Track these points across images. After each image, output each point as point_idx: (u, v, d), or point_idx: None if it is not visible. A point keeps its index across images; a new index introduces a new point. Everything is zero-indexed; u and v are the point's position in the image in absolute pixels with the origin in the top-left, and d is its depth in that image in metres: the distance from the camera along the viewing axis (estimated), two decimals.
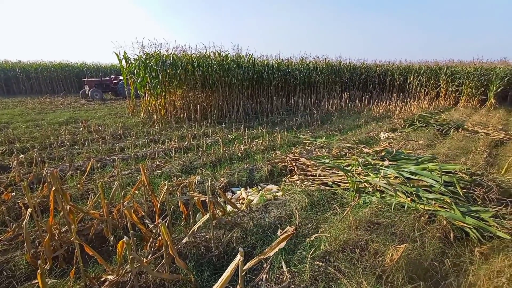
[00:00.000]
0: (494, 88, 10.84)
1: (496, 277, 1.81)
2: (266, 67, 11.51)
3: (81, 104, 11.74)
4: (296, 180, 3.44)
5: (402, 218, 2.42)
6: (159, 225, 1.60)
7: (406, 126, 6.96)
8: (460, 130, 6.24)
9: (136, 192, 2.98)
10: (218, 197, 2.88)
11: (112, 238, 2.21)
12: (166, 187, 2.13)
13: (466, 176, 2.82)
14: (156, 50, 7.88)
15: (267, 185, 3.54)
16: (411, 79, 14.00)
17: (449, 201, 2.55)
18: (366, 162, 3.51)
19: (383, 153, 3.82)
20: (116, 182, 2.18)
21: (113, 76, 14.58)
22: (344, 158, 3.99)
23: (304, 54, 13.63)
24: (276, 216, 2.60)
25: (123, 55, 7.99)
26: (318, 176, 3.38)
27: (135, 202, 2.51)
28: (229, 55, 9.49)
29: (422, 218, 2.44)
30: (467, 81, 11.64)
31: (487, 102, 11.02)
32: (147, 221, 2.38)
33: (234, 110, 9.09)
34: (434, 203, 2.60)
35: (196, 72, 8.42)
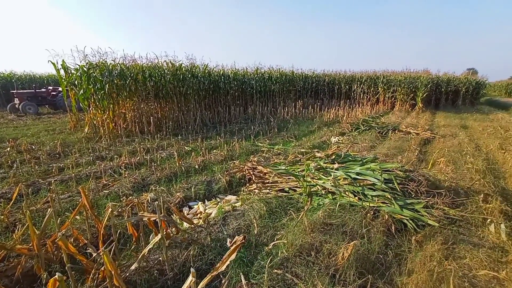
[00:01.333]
0: (421, 94, 12.63)
1: (429, 261, 2.05)
2: (223, 77, 11.55)
3: (10, 119, 10.17)
4: (255, 189, 3.47)
5: (351, 217, 2.61)
6: (102, 253, 1.45)
7: (353, 130, 7.62)
8: (396, 132, 7.08)
9: (78, 217, 2.66)
10: (173, 214, 2.74)
11: (45, 275, 1.91)
12: (110, 209, 1.93)
13: (401, 173, 3.19)
14: (101, 60, 7.30)
15: (226, 196, 3.49)
16: (355, 87, 15.47)
17: (389, 197, 2.85)
18: (319, 166, 3.72)
19: (333, 157, 4.10)
20: (49, 209, 1.91)
21: (50, 88, 12.98)
22: (299, 163, 4.17)
23: (258, 64, 14.09)
24: (235, 228, 2.57)
25: (61, 65, 7.20)
26: (275, 183, 3.47)
27: (75, 230, 2.22)
28: (182, 65, 9.28)
29: (368, 214, 2.66)
30: (399, 88, 13.35)
31: (416, 106, 12.76)
32: (90, 250, 2.12)
33: (191, 120, 8.86)
34: (377, 200, 2.87)
35: (148, 82, 8.02)
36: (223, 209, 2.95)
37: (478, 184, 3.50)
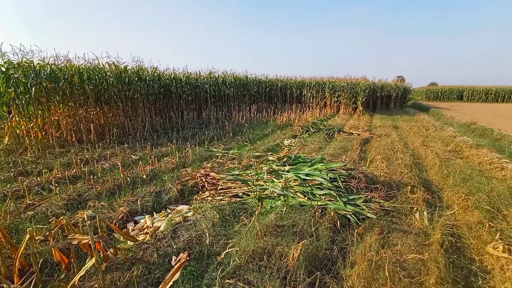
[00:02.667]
0: (361, 98, 14.06)
1: (368, 251, 2.25)
2: (174, 81, 11.09)
3: None
4: (207, 197, 3.36)
5: (302, 216, 2.72)
6: None
7: (304, 132, 8.04)
8: (341, 133, 7.72)
9: None
10: (114, 232, 2.47)
11: None
12: (29, 235, 1.64)
13: (344, 171, 3.47)
14: (24, 58, 6.30)
15: (177, 206, 3.30)
16: (305, 91, 16.43)
17: (335, 194, 3.06)
18: (271, 169, 3.80)
19: (285, 159, 4.25)
20: None
21: None
22: (252, 167, 4.21)
23: (212, 68, 13.91)
24: (186, 240, 2.44)
25: None
26: (229, 188, 3.42)
27: None
28: (128, 68, 8.61)
29: (317, 213, 2.81)
30: (343, 93, 14.65)
31: (357, 109, 14.15)
32: (5, 286, 1.77)
33: (139, 127, 8.24)
34: (324, 198, 3.06)
35: (87, 85, 7.20)
36: (173, 221, 2.79)
37: (407, 177, 4.01)
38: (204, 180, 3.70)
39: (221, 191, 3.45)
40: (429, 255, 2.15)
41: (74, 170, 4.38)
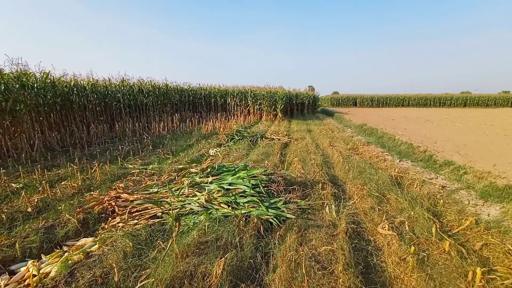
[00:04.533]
0: (279, 105, 15.33)
1: (289, 251, 2.38)
2: (76, 89, 9.40)
3: None
4: (119, 223, 2.91)
5: (226, 228, 2.66)
6: None
7: (229, 140, 8.11)
8: (264, 139, 8.16)
9: None
10: None
11: None
12: None
13: (264, 176, 3.64)
14: None
15: (77, 241, 2.72)
16: (229, 100, 16.75)
17: (257, 200, 3.14)
18: (193, 182, 3.63)
19: (208, 170, 4.14)
20: None
21: None
22: (174, 182, 3.92)
23: (124, 75, 12.50)
24: (88, 282, 2.01)
25: None
26: (145, 210, 3.06)
27: None
28: (2, 71, 6.78)
29: (241, 222, 2.81)
30: (264, 101, 15.64)
31: (277, 116, 15.34)
32: None
33: (25, 146, 6.56)
34: (248, 205, 3.10)
35: None
36: (70, 261, 2.27)
37: (318, 175, 4.53)
38: (114, 204, 3.20)
39: (136, 213, 3.05)
40: (337, 244, 2.44)
41: None
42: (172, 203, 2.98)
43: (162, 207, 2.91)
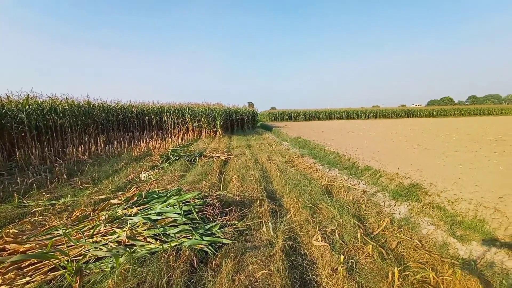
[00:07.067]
0: (219, 122, 15.24)
1: (225, 282, 2.18)
2: None
3: None
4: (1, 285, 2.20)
5: (152, 268, 2.30)
6: None
7: (164, 162, 7.50)
8: (202, 157, 7.84)
9: None
10: None
11: None
12: None
13: (198, 200, 3.39)
14: None
15: None
16: (165, 117, 15.82)
17: (190, 228, 2.86)
18: (114, 216, 3.10)
19: (135, 199, 3.63)
20: None
21: None
22: (89, 219, 3.28)
23: (30, 92, 10.45)
24: None
25: None
26: (42, 261, 2.42)
27: None
28: None
29: (171, 257, 2.48)
30: (203, 118, 15.32)
31: (217, 132, 15.19)
32: None
33: None
34: (180, 236, 2.79)
35: None
36: None
37: (257, 191, 4.50)
38: None
39: (29, 268, 2.38)
40: (274, 266, 2.36)
41: None
42: (82, 247, 2.44)
43: (60, 259, 2.32)
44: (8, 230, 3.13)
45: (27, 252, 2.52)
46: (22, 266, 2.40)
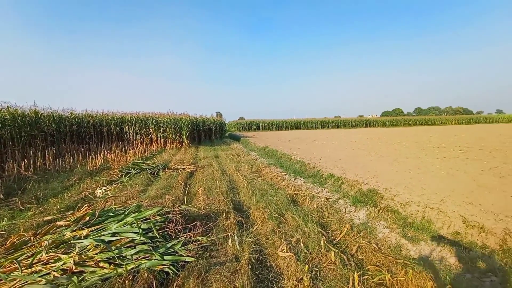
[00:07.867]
0: (185, 132, 14.81)
1: None
2: None
3: None
4: None
5: None
6: None
7: (124, 175, 6.99)
8: (166, 170, 7.48)
9: None
10: None
11: None
12: None
13: (159, 217, 3.19)
14: None
15: None
16: (127, 128, 14.89)
17: (150, 248, 2.67)
18: (61, 240, 2.76)
19: (87, 218, 3.29)
20: None
21: None
22: (28, 245, 2.88)
23: None
24: None
25: None
26: None
27: None
28: None
29: (127, 282, 2.27)
30: (168, 128, 14.75)
31: (183, 143, 14.72)
32: None
33: None
34: (137, 258, 2.58)
35: None
36: None
37: (223, 204, 4.41)
38: None
39: None
40: (239, 282, 2.30)
41: None
42: (17, 280, 2.10)
43: None
44: None
45: None
46: None
